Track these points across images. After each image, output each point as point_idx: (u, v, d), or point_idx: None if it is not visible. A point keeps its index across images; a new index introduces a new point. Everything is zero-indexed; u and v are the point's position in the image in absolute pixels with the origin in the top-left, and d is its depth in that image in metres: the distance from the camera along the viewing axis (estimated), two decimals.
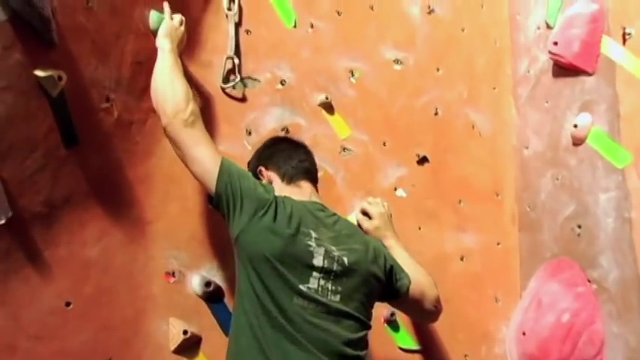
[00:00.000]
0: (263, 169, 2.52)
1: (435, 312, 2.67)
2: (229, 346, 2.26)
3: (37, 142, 2.09)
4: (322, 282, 2.25)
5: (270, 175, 2.50)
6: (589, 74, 3.03)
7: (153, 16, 2.55)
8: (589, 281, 2.92)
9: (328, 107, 3.06)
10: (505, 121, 3.55)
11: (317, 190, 2.60)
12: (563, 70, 3.16)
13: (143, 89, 2.49)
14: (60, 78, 2.11)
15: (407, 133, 3.27)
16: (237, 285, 2.29)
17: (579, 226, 3.00)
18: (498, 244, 3.41)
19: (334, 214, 2.51)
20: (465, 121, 3.46)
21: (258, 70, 2.93)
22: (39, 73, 2.05)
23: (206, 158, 2.30)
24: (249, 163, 2.61)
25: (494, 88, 3.57)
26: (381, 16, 3.31)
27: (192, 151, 2.29)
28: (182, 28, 2.54)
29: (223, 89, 2.83)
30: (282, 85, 2.96)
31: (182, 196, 2.61)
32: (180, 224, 2.61)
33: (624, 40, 2.92)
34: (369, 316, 2.39)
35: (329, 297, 2.25)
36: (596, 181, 2.95)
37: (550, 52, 3.17)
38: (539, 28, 3.38)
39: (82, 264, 2.29)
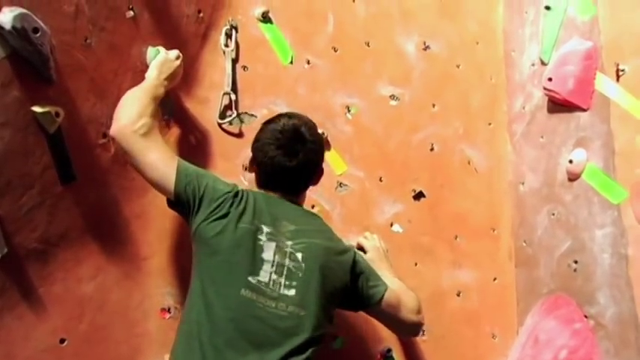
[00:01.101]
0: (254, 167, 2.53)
1: (415, 322, 2.63)
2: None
3: (34, 179, 2.09)
4: (274, 276, 2.23)
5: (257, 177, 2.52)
6: (584, 110, 3.04)
7: (150, 52, 2.58)
8: (586, 317, 2.91)
9: (324, 143, 3.06)
10: (501, 157, 3.56)
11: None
12: (558, 106, 3.17)
13: None
14: (57, 114, 2.12)
15: (403, 169, 3.28)
16: (190, 284, 2.29)
17: (576, 262, 2.99)
18: (495, 279, 3.40)
19: (306, 211, 2.53)
20: (461, 157, 3.46)
21: (255, 106, 2.95)
22: (36, 109, 2.06)
23: (161, 162, 2.30)
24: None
25: (489, 124, 3.59)
26: (376, 52, 3.33)
27: (145, 158, 2.29)
28: (177, 62, 2.56)
29: (220, 125, 2.85)
30: None
31: (178, 232, 2.61)
32: (176, 261, 2.60)
33: (618, 77, 2.94)
34: (327, 316, 2.35)
35: (281, 291, 2.23)
36: (592, 217, 2.95)
37: (545, 89, 3.19)
38: (533, 65, 3.40)
39: (77, 301, 2.29)
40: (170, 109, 2.71)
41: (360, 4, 3.32)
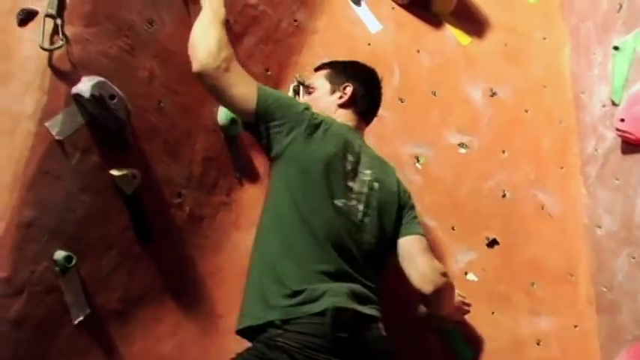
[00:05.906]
0: (350, 87, 2.63)
1: (435, 281, 2.55)
2: (252, 269, 2.31)
3: (113, 241, 2.15)
4: (353, 202, 2.35)
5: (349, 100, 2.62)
6: None
7: (221, 111, 2.63)
8: None
9: None
10: (575, 200, 3.49)
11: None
12: (632, 146, 3.11)
13: (213, 184, 2.56)
14: (134, 176, 2.18)
15: (475, 217, 3.25)
16: (269, 202, 2.35)
17: None
18: (575, 326, 3.30)
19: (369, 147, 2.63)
20: (534, 202, 3.41)
21: None
22: (114, 172, 2.13)
23: (243, 94, 2.30)
24: (330, 66, 2.77)
25: (561, 168, 3.53)
26: (443, 101, 3.34)
27: (229, 93, 2.29)
28: None
29: None
30: None
31: None
32: None
33: None
34: (393, 238, 2.51)
35: (359, 217, 2.35)
36: None
37: (617, 130, 3.13)
38: (604, 106, 3.35)
39: (156, 359, 2.31)
40: (240, 166, 2.75)
41: (425, 54, 3.35)
